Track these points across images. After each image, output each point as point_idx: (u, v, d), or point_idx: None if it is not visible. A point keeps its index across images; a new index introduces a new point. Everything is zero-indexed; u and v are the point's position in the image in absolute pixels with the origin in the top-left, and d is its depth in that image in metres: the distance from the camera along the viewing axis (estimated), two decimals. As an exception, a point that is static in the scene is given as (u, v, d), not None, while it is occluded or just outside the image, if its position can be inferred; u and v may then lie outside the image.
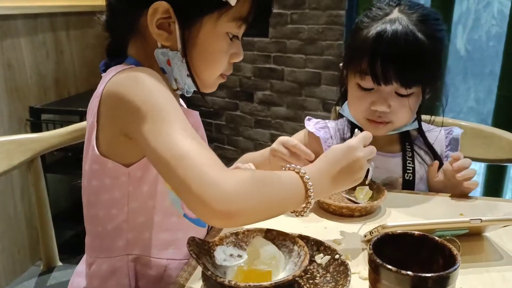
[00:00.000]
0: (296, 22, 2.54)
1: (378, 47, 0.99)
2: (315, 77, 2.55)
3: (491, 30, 2.88)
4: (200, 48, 0.79)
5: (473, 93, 3.10)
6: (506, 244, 0.84)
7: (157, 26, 0.76)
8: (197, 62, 0.81)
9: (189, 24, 0.76)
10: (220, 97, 2.94)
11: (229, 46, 0.81)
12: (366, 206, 0.95)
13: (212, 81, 0.85)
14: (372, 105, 1.04)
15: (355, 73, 1.04)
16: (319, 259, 0.78)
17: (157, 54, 0.80)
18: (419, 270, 0.64)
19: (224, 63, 0.83)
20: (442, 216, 0.96)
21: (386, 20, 1.01)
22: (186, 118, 0.78)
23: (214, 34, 0.78)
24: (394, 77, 0.99)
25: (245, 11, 0.78)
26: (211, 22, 0.77)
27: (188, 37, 0.77)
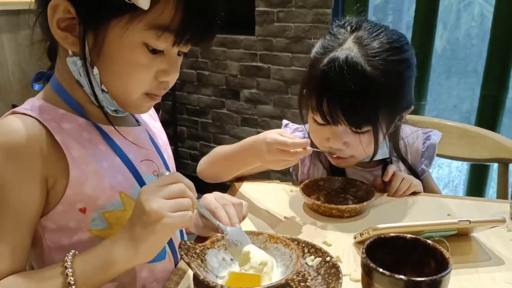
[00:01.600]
0: (283, 20, 2.54)
1: (325, 85, 0.92)
2: (301, 76, 2.55)
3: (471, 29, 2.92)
4: (108, 57, 0.66)
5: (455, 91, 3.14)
6: (494, 245, 0.85)
7: (61, 28, 0.65)
8: (106, 74, 0.68)
9: (93, 27, 0.64)
10: (206, 95, 2.93)
11: (149, 60, 0.67)
12: (356, 207, 0.95)
13: (133, 100, 0.72)
14: (327, 141, 0.99)
15: (308, 106, 0.99)
16: (310, 261, 0.78)
17: (69, 63, 0.69)
18: (411, 272, 0.65)
19: (144, 79, 0.69)
20: (430, 216, 0.97)
21: (337, 52, 0.92)
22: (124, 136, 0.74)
23: (125, 42, 0.65)
24: (341, 118, 0.92)
25: (166, 19, 0.63)
26: (120, 27, 0.64)
27: (92, 42, 0.65)
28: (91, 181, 0.70)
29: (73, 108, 0.72)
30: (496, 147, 1.34)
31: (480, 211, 0.99)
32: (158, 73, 0.70)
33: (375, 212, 0.99)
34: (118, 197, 0.73)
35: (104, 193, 0.71)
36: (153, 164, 0.81)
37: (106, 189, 0.72)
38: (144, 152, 0.79)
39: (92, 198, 0.70)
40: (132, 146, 0.77)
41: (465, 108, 2.98)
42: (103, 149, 0.73)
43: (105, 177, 0.71)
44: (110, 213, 0.72)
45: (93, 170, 0.70)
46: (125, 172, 0.74)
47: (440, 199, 1.06)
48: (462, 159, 1.43)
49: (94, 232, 0.72)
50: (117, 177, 0.73)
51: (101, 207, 0.71)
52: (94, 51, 0.66)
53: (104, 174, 0.71)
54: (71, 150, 0.69)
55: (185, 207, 0.64)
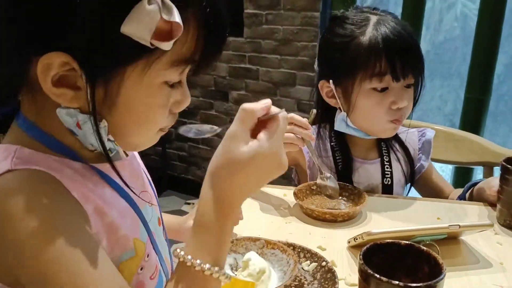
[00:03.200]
0: (271, 23, 2.56)
1: (390, 45, 1.00)
2: (290, 78, 2.57)
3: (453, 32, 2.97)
4: (124, 108, 0.57)
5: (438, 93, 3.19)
6: (482, 248, 0.88)
7: (55, 84, 0.52)
8: (121, 125, 0.59)
9: (104, 78, 0.53)
10: (194, 96, 2.93)
11: (167, 97, 0.59)
12: (349, 212, 0.98)
13: (148, 139, 0.64)
14: (393, 104, 1.03)
15: (369, 78, 1.02)
16: (306, 266, 0.80)
17: (60, 115, 0.56)
18: (404, 277, 0.67)
19: (163, 118, 0.61)
20: (421, 220, 1.00)
21: (374, 23, 1.03)
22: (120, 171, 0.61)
23: (145, 88, 0.56)
24: (410, 70, 1.02)
25: (188, 51, 0.56)
26: (137, 73, 0.54)
27: (103, 94, 0.55)
28: (106, 235, 0.60)
29: (62, 153, 0.59)
30: (481, 151, 1.38)
31: (467, 214, 1.03)
32: (174, 106, 0.62)
33: (367, 216, 1.01)
34: (132, 245, 0.64)
35: (119, 244, 0.63)
36: (147, 195, 0.73)
37: (121, 239, 0.63)
38: (140, 182, 0.72)
39: (110, 251, 0.60)
40: (130, 179, 0.68)
41: (448, 110, 3.04)
42: (109, 194, 0.63)
43: (119, 228, 0.62)
44: (125, 263, 0.63)
45: (106, 222, 0.60)
46: (131, 215, 0.66)
47: (429, 203, 1.09)
48: (449, 162, 1.47)
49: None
50: (127, 223, 0.64)
51: (117, 259, 0.62)
52: (104, 104, 0.56)
53: (115, 223, 0.62)
54: (86, 204, 0.57)
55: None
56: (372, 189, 1.15)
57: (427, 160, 1.21)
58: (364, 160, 1.16)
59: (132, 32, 0.49)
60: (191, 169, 3.10)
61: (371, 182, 1.15)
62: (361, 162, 1.15)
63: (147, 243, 0.68)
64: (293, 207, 1.05)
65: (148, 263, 0.68)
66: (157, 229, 0.74)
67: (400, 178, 1.18)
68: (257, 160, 0.56)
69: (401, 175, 1.18)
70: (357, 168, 1.15)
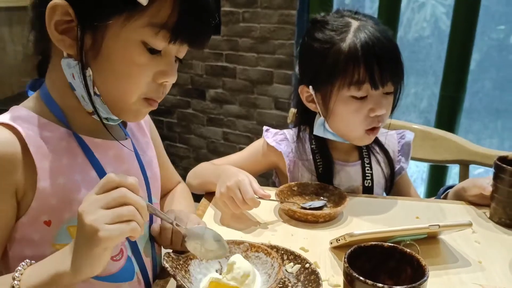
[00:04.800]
0: (248, 21, 2.55)
1: (369, 53, 0.98)
2: (267, 76, 2.57)
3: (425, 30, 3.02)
4: (105, 58, 0.66)
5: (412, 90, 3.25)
6: (461, 247, 0.90)
7: (59, 31, 0.65)
8: (102, 75, 0.68)
9: (92, 27, 0.64)
10: (171, 94, 2.90)
11: (147, 60, 0.67)
12: (330, 213, 0.98)
13: (130, 105, 0.71)
14: (371, 112, 1.02)
15: (348, 86, 1.01)
16: (289, 268, 0.80)
17: (63, 65, 0.68)
18: (388, 279, 0.68)
19: (142, 80, 0.69)
20: (400, 219, 1.01)
21: (355, 30, 1.01)
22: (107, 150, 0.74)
23: (123, 40, 0.65)
24: (389, 78, 1.01)
25: (163, 17, 0.64)
26: (118, 26, 0.64)
27: (90, 43, 0.65)
28: (59, 194, 0.68)
29: (56, 117, 0.71)
30: (457, 149, 1.41)
31: (444, 213, 1.05)
32: (157, 74, 0.70)
33: (348, 216, 1.02)
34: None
35: (71, 207, 0.69)
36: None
37: (74, 202, 0.69)
38: (125, 167, 0.78)
39: (58, 211, 0.69)
40: (112, 161, 0.76)
41: (423, 107, 3.09)
42: (79, 161, 0.72)
43: (74, 191, 0.70)
44: (75, 227, 0.67)
45: (62, 182, 0.69)
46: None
47: (408, 202, 1.11)
48: (425, 161, 1.49)
49: (58, 247, 0.69)
50: (88, 191, 0.68)
51: (66, 221, 0.70)
52: (91, 52, 0.66)
53: (74, 187, 0.70)
54: (43, 161, 0.67)
55: (127, 216, 0.58)
56: (352, 190, 1.16)
57: (407, 162, 1.22)
58: (344, 163, 1.16)
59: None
60: (169, 168, 3.07)
61: (352, 184, 1.15)
62: (341, 164, 1.16)
63: None
64: (275, 208, 1.05)
65: None
66: None
67: (380, 180, 1.19)
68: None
69: (381, 176, 1.19)
70: (338, 170, 1.15)
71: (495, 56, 2.86)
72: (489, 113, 2.99)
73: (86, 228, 0.57)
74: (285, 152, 1.16)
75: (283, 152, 1.15)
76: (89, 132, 0.73)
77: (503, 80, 2.88)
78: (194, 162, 2.87)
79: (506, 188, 0.96)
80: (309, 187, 1.10)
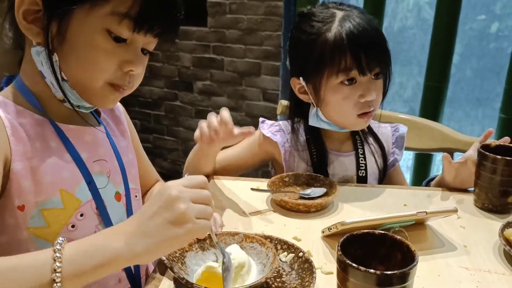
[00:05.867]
0: (235, 12, 2.55)
1: (355, 40, 1.01)
2: (255, 67, 2.59)
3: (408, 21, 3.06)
4: (70, 44, 0.69)
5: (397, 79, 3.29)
6: (446, 232, 0.93)
7: (28, 20, 0.68)
8: (68, 61, 0.70)
9: (57, 15, 0.67)
10: (158, 87, 2.90)
11: (112, 48, 0.70)
12: (322, 202, 1.01)
13: (97, 90, 0.73)
14: (361, 97, 1.06)
15: (336, 74, 1.04)
16: (283, 257, 0.83)
17: (33, 53, 0.71)
18: (379, 265, 0.71)
19: (107, 66, 0.71)
20: (388, 206, 1.04)
21: (340, 19, 1.04)
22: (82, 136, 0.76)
23: (87, 27, 0.68)
24: (376, 63, 1.04)
25: (126, 6, 0.67)
26: (83, 13, 0.67)
27: (56, 30, 0.68)
28: (31, 176, 0.69)
29: (32, 104, 0.73)
30: (441, 138, 1.45)
31: (431, 200, 1.08)
32: (122, 63, 0.72)
33: (339, 205, 1.05)
34: (58, 195, 0.72)
35: (43, 190, 0.71)
36: (106, 164, 0.81)
37: (46, 185, 0.71)
38: (100, 152, 0.80)
39: (31, 194, 0.69)
40: (87, 146, 0.78)
41: (407, 96, 3.14)
42: (53, 145, 0.74)
43: (46, 173, 0.71)
44: (49, 211, 0.71)
45: (35, 165, 0.70)
46: (72, 170, 0.75)
47: (396, 190, 1.14)
48: (411, 149, 1.53)
49: (32, 230, 0.70)
50: (61, 174, 0.73)
51: (40, 204, 0.71)
52: (57, 39, 0.68)
53: (46, 170, 0.71)
54: (18, 144, 0.69)
55: (209, 216, 0.62)
56: (347, 180, 1.19)
57: (400, 154, 1.26)
58: (339, 153, 1.19)
59: None
60: (157, 160, 3.07)
61: (346, 174, 1.18)
62: (336, 155, 1.19)
63: (87, 204, 0.75)
64: (267, 199, 1.07)
65: (82, 224, 0.75)
66: (112, 202, 0.81)
67: (374, 170, 1.22)
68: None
69: (375, 167, 1.22)
70: (332, 161, 1.18)
71: (476, 46, 2.91)
72: (470, 101, 3.06)
73: (177, 214, 0.59)
74: (281, 142, 1.18)
75: (279, 142, 1.18)
76: (63, 119, 0.76)
77: (483, 70, 2.94)
78: (182, 155, 2.89)
79: (489, 174, 1.00)
80: (301, 177, 1.12)
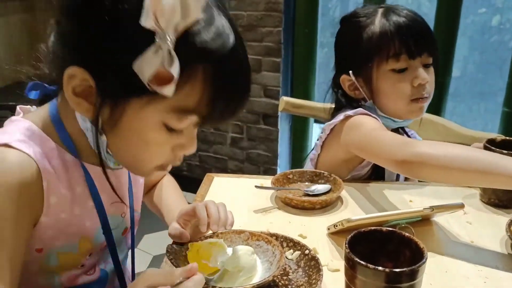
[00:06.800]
0: (235, 9, 2.54)
1: (401, 26, 1.05)
2: (255, 64, 2.57)
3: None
4: (122, 131, 0.63)
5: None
6: (453, 227, 0.93)
7: (76, 93, 0.61)
8: (117, 145, 0.66)
9: (111, 101, 0.61)
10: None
11: (167, 138, 0.64)
12: (326, 199, 1.00)
13: (144, 171, 0.71)
14: (414, 81, 1.07)
15: (386, 60, 1.06)
16: (289, 255, 0.82)
17: (77, 116, 0.67)
18: (387, 262, 0.70)
19: (159, 155, 0.67)
20: (394, 202, 1.04)
21: (383, 12, 1.08)
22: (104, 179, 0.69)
23: (142, 121, 0.61)
24: (424, 47, 1.06)
25: (191, 103, 0.59)
26: (139, 106, 0.60)
27: (108, 115, 0.62)
28: (56, 227, 0.69)
29: (64, 144, 0.69)
30: (446, 133, 1.44)
31: (436, 196, 1.08)
32: (176, 147, 0.67)
33: (343, 201, 1.04)
34: (77, 241, 0.73)
35: (65, 238, 0.71)
36: (123, 207, 0.80)
37: (69, 234, 0.71)
38: (120, 193, 0.78)
39: (52, 240, 0.70)
40: (108, 187, 0.74)
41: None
42: (79, 191, 0.71)
43: (71, 225, 0.71)
44: (65, 254, 0.72)
45: (61, 217, 0.69)
46: (93, 217, 0.74)
47: (401, 187, 1.14)
48: (415, 144, 1.52)
49: (43, 266, 0.71)
50: (84, 224, 0.73)
51: (57, 248, 0.71)
52: (108, 123, 0.63)
53: (71, 221, 0.70)
54: (50, 196, 0.66)
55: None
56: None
57: None
58: None
59: (138, 71, 0.55)
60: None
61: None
62: None
63: (99, 245, 0.76)
64: (271, 196, 1.07)
65: (89, 261, 0.77)
66: (120, 238, 0.82)
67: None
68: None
69: None
70: None
71: (477, 40, 2.90)
72: (472, 96, 3.05)
73: None
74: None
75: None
76: (90, 159, 0.71)
77: (486, 63, 2.92)
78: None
79: (495, 169, 0.99)
80: (305, 174, 1.12)
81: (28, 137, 0.66)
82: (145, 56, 0.54)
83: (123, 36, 0.56)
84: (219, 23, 0.59)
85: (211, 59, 0.58)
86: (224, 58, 0.59)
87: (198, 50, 0.57)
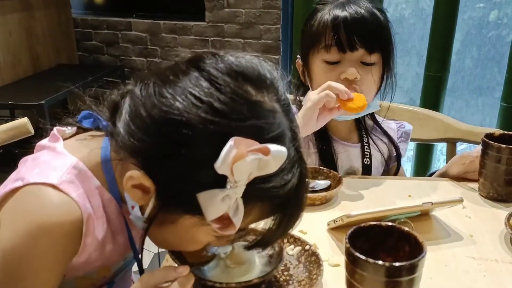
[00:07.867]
0: (233, 6, 2.54)
1: (339, 18, 1.04)
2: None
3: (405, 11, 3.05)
4: (170, 233, 0.65)
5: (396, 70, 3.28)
6: (452, 222, 0.93)
7: (133, 185, 0.61)
8: (164, 236, 0.66)
9: (167, 209, 0.61)
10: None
11: (214, 239, 0.66)
12: (326, 195, 1.01)
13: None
14: (342, 74, 1.05)
15: (318, 50, 1.07)
16: (290, 250, 0.83)
17: (127, 197, 0.65)
18: (386, 256, 0.71)
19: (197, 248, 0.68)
20: (394, 198, 1.05)
21: (337, 4, 1.08)
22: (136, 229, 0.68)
23: (194, 232, 0.63)
24: (358, 43, 1.04)
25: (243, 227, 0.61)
26: (191, 222, 0.61)
27: (161, 218, 0.62)
28: (85, 263, 0.69)
29: (109, 187, 0.68)
30: (444, 128, 1.45)
31: (435, 190, 1.08)
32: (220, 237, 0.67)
33: (343, 197, 1.05)
34: (97, 269, 0.73)
35: (89, 269, 0.71)
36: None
37: (94, 267, 0.72)
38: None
39: (76, 272, 0.70)
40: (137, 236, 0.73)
41: (407, 87, 3.13)
42: (120, 240, 0.71)
43: (100, 260, 0.70)
44: (81, 278, 0.73)
45: (93, 255, 0.68)
46: (122, 251, 0.74)
47: (399, 181, 1.14)
48: (414, 140, 1.53)
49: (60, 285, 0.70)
50: (111, 258, 0.73)
51: (77, 275, 0.71)
52: (158, 222, 0.62)
53: (101, 258, 0.70)
54: (87, 238, 0.65)
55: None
56: (353, 172, 1.19)
57: (404, 149, 1.27)
58: (345, 143, 1.20)
59: (201, 203, 0.56)
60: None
61: (353, 165, 1.19)
62: (342, 143, 1.19)
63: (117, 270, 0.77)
64: (271, 193, 1.07)
65: (101, 281, 0.77)
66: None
67: (379, 160, 1.22)
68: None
69: (380, 158, 1.22)
70: (340, 152, 1.18)
71: (475, 34, 2.90)
72: (470, 91, 3.06)
73: None
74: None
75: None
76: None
77: (483, 58, 2.93)
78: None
79: (493, 163, 1.00)
80: (304, 171, 1.12)
81: (75, 175, 0.64)
82: (212, 197, 0.55)
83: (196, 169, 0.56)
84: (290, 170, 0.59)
85: (273, 201, 0.60)
86: (286, 200, 0.60)
87: (264, 193, 0.58)
